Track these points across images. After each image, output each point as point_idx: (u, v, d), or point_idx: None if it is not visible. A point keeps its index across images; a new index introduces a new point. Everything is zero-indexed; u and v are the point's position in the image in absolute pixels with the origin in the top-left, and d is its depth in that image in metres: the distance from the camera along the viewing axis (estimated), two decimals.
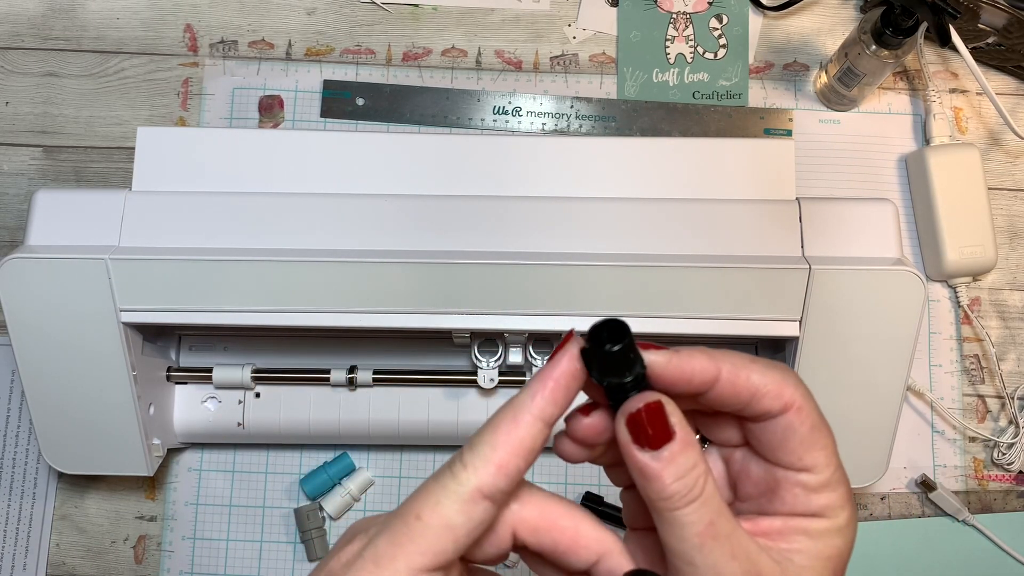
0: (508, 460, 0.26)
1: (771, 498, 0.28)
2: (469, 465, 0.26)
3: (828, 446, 0.27)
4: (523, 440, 0.26)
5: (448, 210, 0.53)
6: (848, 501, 0.28)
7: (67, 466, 0.56)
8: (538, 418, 0.26)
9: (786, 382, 0.27)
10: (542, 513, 0.28)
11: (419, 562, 0.25)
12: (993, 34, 0.65)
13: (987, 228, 0.63)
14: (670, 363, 0.26)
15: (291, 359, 0.61)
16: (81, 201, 0.54)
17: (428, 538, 0.25)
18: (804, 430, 0.27)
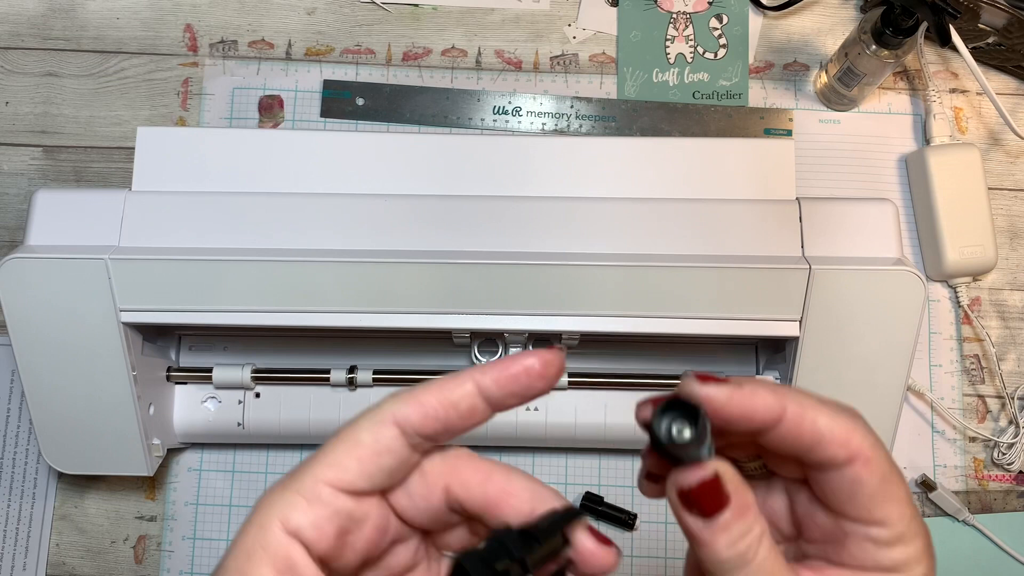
0: (429, 401, 0.25)
1: (838, 548, 0.26)
2: (393, 397, 0.26)
3: (901, 498, 0.25)
4: (452, 395, 0.26)
5: (448, 210, 0.53)
6: (925, 554, 0.26)
7: (67, 466, 0.56)
8: (477, 387, 0.26)
9: (855, 429, 0.25)
10: (475, 468, 0.27)
11: (324, 474, 0.25)
12: (993, 34, 0.65)
13: (987, 228, 0.63)
14: (731, 400, 0.25)
15: (291, 359, 0.61)
16: (81, 201, 0.54)
17: (336, 452, 0.25)
18: (873, 482, 0.25)
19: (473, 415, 0.26)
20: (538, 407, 0.60)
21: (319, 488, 0.25)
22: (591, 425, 0.59)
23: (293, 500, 0.25)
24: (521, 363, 0.26)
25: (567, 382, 0.58)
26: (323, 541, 0.25)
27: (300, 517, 0.24)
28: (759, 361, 0.61)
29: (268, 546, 0.24)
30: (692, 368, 0.60)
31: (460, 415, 0.26)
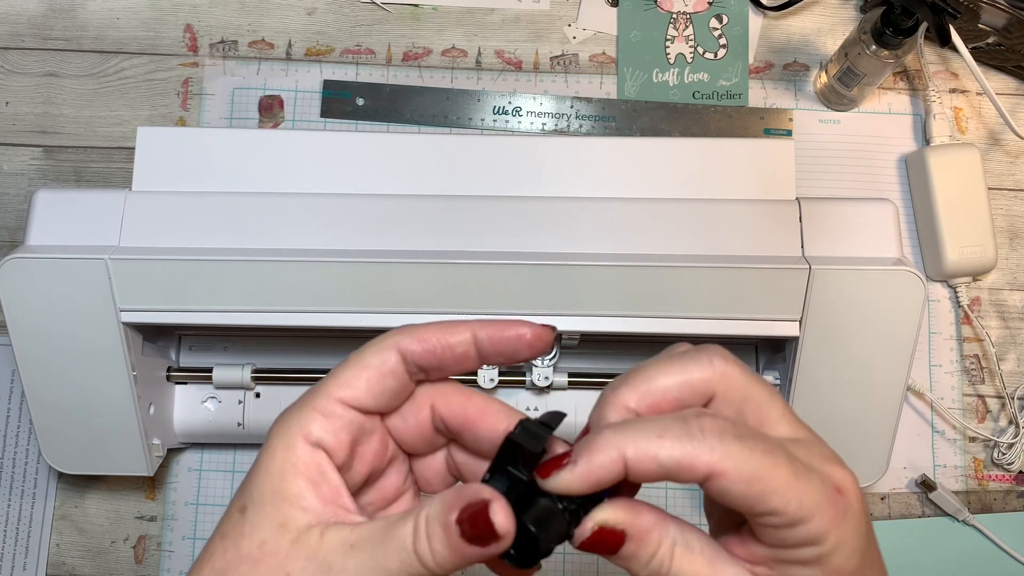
0: (430, 338, 0.28)
1: (757, 532, 0.27)
2: (397, 329, 0.29)
3: (779, 484, 0.25)
4: (451, 337, 0.28)
5: (448, 210, 0.53)
6: (834, 520, 0.25)
7: (67, 466, 0.56)
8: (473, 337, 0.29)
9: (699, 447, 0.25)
10: (457, 390, 0.30)
11: (336, 392, 0.28)
12: (993, 34, 0.65)
13: (987, 228, 0.63)
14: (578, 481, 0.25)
15: (291, 359, 0.61)
16: (81, 201, 0.54)
17: (346, 373, 0.28)
18: (738, 490, 0.25)
19: (465, 360, 0.29)
20: (538, 407, 0.60)
21: (332, 404, 0.27)
22: None
23: (311, 416, 0.27)
24: (515, 329, 0.28)
25: (567, 382, 0.58)
26: (340, 450, 0.27)
27: (319, 429, 0.27)
28: (759, 361, 0.61)
29: (298, 461, 0.27)
30: None
31: (454, 357, 0.29)
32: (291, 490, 0.26)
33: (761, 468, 0.25)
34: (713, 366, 0.27)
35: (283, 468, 0.26)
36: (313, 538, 0.26)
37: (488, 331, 0.28)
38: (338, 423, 0.27)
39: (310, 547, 0.26)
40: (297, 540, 0.26)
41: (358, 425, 0.28)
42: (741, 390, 0.27)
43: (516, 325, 0.28)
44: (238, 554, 0.26)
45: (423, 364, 0.28)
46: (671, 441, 0.25)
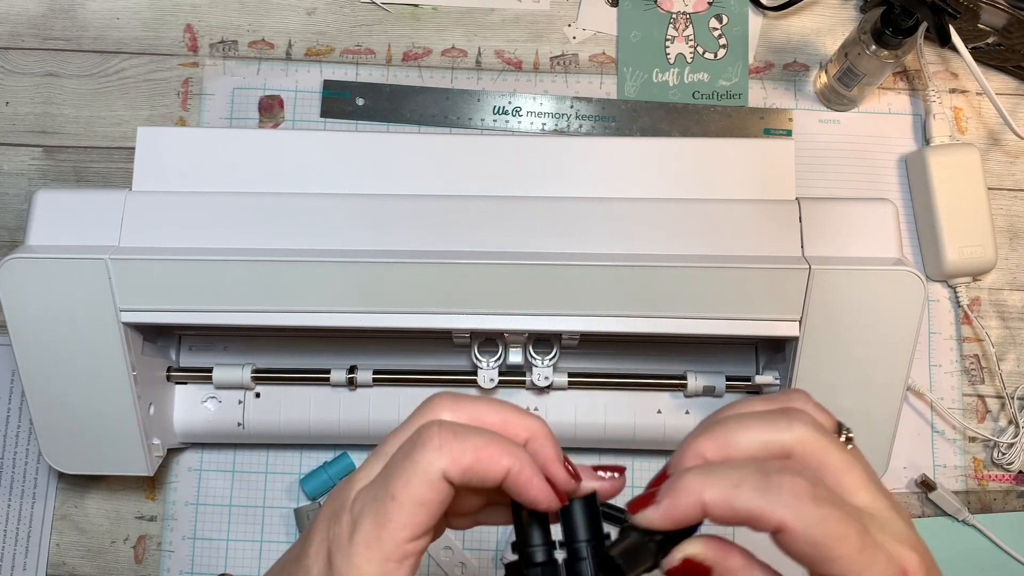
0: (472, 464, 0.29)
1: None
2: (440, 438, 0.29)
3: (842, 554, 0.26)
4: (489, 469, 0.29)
5: (448, 210, 0.53)
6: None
7: (67, 466, 0.56)
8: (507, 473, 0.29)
9: (776, 502, 0.26)
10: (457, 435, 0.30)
11: (400, 534, 0.28)
12: (993, 34, 0.65)
13: (987, 228, 0.63)
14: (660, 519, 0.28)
15: (291, 359, 0.61)
16: (81, 201, 0.54)
17: (402, 513, 0.28)
18: (804, 549, 0.26)
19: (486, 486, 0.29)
20: (538, 407, 0.60)
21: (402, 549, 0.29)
22: (591, 425, 0.59)
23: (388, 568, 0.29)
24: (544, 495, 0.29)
25: (567, 382, 0.58)
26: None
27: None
28: (759, 361, 0.61)
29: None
30: (692, 369, 0.60)
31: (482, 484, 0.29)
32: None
33: (830, 535, 0.26)
34: (792, 431, 0.28)
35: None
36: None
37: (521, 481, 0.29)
38: (410, 563, 0.29)
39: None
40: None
41: (424, 548, 0.30)
42: (818, 457, 0.28)
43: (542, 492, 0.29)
44: None
45: (457, 484, 0.29)
46: (748, 492, 0.26)
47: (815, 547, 0.26)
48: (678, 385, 0.59)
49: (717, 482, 0.27)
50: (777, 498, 0.26)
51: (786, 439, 0.28)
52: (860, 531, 0.26)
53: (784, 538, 0.26)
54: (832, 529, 0.26)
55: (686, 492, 0.27)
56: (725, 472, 0.27)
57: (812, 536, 0.26)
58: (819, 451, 0.28)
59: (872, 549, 0.26)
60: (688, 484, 0.27)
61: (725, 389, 0.59)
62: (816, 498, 0.26)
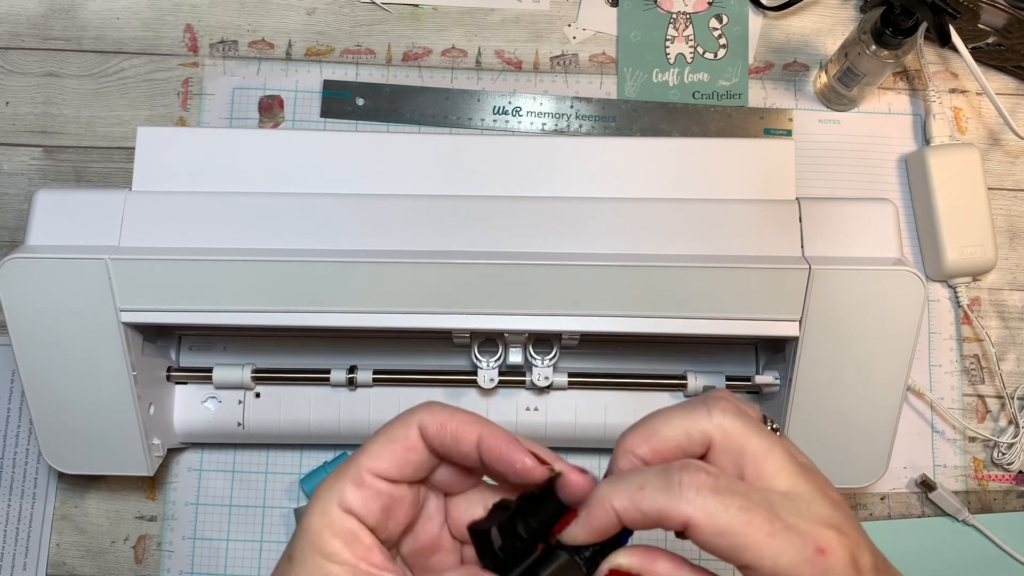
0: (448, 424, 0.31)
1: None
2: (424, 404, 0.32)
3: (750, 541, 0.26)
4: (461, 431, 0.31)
5: (448, 210, 0.53)
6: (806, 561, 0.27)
7: (67, 466, 0.56)
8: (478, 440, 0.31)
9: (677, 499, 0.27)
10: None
11: (366, 463, 0.31)
12: (993, 34, 0.65)
13: (987, 228, 0.63)
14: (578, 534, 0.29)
15: (291, 359, 0.61)
16: (81, 201, 0.54)
17: (375, 445, 0.31)
18: (712, 542, 0.27)
19: (467, 459, 0.31)
20: (538, 407, 0.60)
21: (363, 475, 0.31)
22: (591, 425, 0.59)
23: (344, 485, 0.31)
24: (519, 456, 0.30)
25: (567, 382, 0.58)
26: (371, 516, 0.31)
27: (351, 498, 0.30)
28: (759, 361, 0.61)
29: (332, 524, 0.30)
30: (692, 368, 0.60)
31: (459, 453, 0.31)
32: (327, 548, 0.30)
33: (734, 523, 0.26)
34: (711, 419, 0.29)
35: (320, 530, 0.30)
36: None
37: (492, 444, 0.31)
38: (368, 492, 0.31)
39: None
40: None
41: (387, 494, 0.31)
42: (737, 442, 0.29)
43: (521, 453, 0.30)
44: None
45: (434, 446, 0.31)
46: (651, 492, 0.27)
47: (722, 537, 0.26)
48: (678, 385, 0.59)
49: (623, 488, 0.28)
50: (678, 495, 0.27)
51: (706, 427, 0.29)
52: (768, 516, 0.27)
53: (693, 533, 0.27)
54: (736, 517, 0.26)
55: (598, 503, 0.28)
56: (630, 477, 0.28)
57: (717, 527, 0.26)
58: (738, 437, 0.29)
59: (783, 532, 0.26)
60: (599, 495, 0.28)
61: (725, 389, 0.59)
62: (716, 489, 0.27)
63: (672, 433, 0.29)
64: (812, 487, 0.29)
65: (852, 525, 0.28)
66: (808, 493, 0.28)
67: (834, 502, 0.29)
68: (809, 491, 0.28)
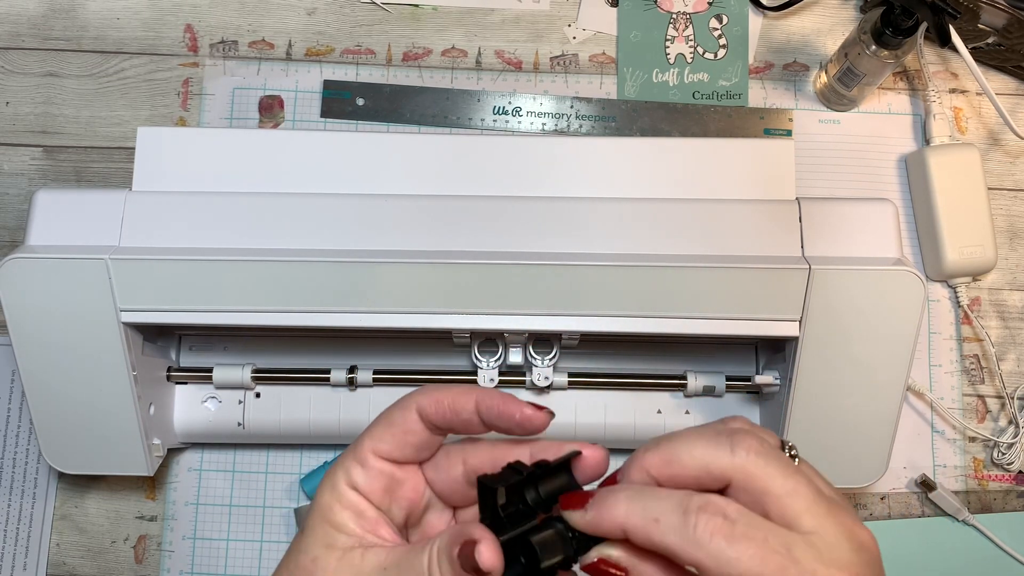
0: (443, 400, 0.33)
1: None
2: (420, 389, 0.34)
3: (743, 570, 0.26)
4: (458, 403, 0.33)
5: (448, 210, 0.53)
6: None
7: (67, 466, 0.56)
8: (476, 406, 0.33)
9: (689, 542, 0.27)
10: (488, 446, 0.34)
11: (369, 445, 0.34)
12: (993, 34, 0.65)
13: (987, 228, 0.63)
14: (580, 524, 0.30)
15: (291, 359, 0.61)
16: (81, 201, 0.54)
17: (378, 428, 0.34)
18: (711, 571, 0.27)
19: (470, 425, 0.33)
20: None
21: (367, 455, 0.33)
22: (591, 425, 0.59)
23: (351, 464, 0.33)
24: (517, 407, 0.32)
25: (567, 382, 0.58)
26: (375, 494, 0.33)
27: (357, 476, 0.33)
28: (759, 361, 0.61)
29: (341, 498, 0.33)
30: (692, 369, 0.60)
31: (461, 421, 0.33)
32: (336, 519, 0.33)
33: (745, 572, 0.26)
34: (734, 457, 0.28)
35: (330, 503, 0.33)
36: (356, 558, 0.32)
37: (489, 404, 0.33)
38: (372, 471, 0.33)
39: (353, 565, 0.32)
40: (342, 558, 0.32)
41: (389, 474, 0.34)
42: (760, 483, 0.28)
43: (515, 405, 0.32)
44: (297, 566, 0.32)
45: (436, 423, 0.33)
46: (665, 529, 0.27)
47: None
48: (678, 385, 0.59)
49: (639, 512, 0.28)
50: (691, 539, 0.27)
51: (726, 464, 0.28)
52: (780, 564, 0.26)
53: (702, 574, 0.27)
54: (747, 565, 0.26)
55: (610, 513, 0.29)
56: (649, 503, 0.28)
57: (727, 574, 0.26)
58: (761, 478, 0.28)
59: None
60: (614, 505, 0.29)
61: (725, 389, 0.59)
62: (732, 537, 0.27)
63: (692, 463, 0.29)
64: (838, 528, 0.28)
65: (872, 568, 0.28)
66: (833, 535, 0.28)
67: (859, 544, 0.28)
68: (835, 533, 0.28)
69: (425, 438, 0.34)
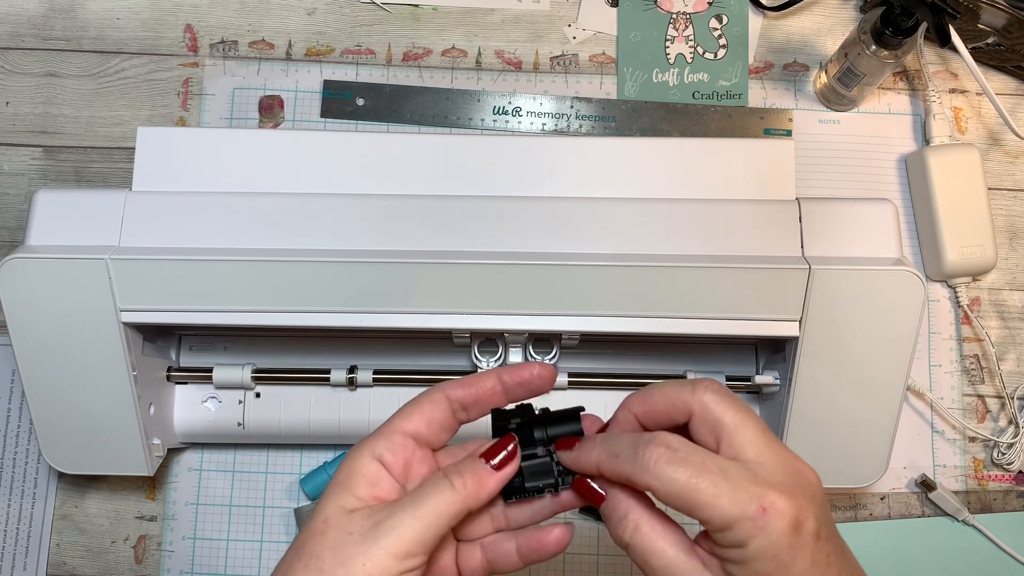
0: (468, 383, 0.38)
1: None
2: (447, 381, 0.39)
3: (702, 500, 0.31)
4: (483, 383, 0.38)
5: (448, 210, 0.53)
6: (752, 531, 0.31)
7: (67, 466, 0.56)
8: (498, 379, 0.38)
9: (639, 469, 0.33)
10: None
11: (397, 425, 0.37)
12: (993, 34, 0.65)
13: (987, 228, 0.63)
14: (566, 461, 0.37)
15: (291, 359, 0.61)
16: (81, 201, 0.54)
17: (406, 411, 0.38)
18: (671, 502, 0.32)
19: (494, 395, 0.38)
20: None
21: (392, 432, 0.37)
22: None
23: (377, 439, 0.37)
24: (528, 369, 0.38)
25: (567, 382, 0.58)
26: (396, 465, 0.36)
27: (381, 448, 0.36)
28: (759, 361, 0.61)
29: (361, 467, 0.36)
30: (692, 368, 0.60)
31: (487, 394, 0.38)
32: (351, 484, 0.36)
33: (685, 488, 0.32)
34: (695, 394, 0.34)
35: (350, 470, 0.36)
36: (367, 513, 0.35)
37: (508, 374, 0.38)
38: (396, 445, 0.37)
39: (366, 516, 0.34)
40: (353, 512, 0.35)
41: (411, 450, 0.37)
42: (713, 415, 0.34)
43: (529, 367, 0.38)
44: (308, 529, 0.35)
45: (466, 403, 0.38)
46: (622, 461, 0.34)
47: (677, 499, 0.32)
48: None
49: (606, 451, 0.35)
50: (641, 466, 0.33)
51: (688, 399, 0.34)
52: (716, 480, 0.31)
53: (655, 495, 0.33)
54: (687, 483, 0.31)
55: (587, 453, 0.36)
56: (612, 444, 0.35)
57: (671, 491, 0.32)
58: (714, 411, 0.34)
59: (730, 491, 0.31)
60: (591, 449, 0.36)
61: None
62: (672, 460, 0.32)
63: (662, 400, 0.35)
64: (777, 459, 0.33)
65: (805, 493, 0.32)
66: (770, 462, 0.33)
67: (794, 471, 0.33)
68: (772, 460, 0.33)
69: (449, 420, 0.38)
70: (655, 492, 0.33)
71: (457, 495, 0.35)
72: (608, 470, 0.35)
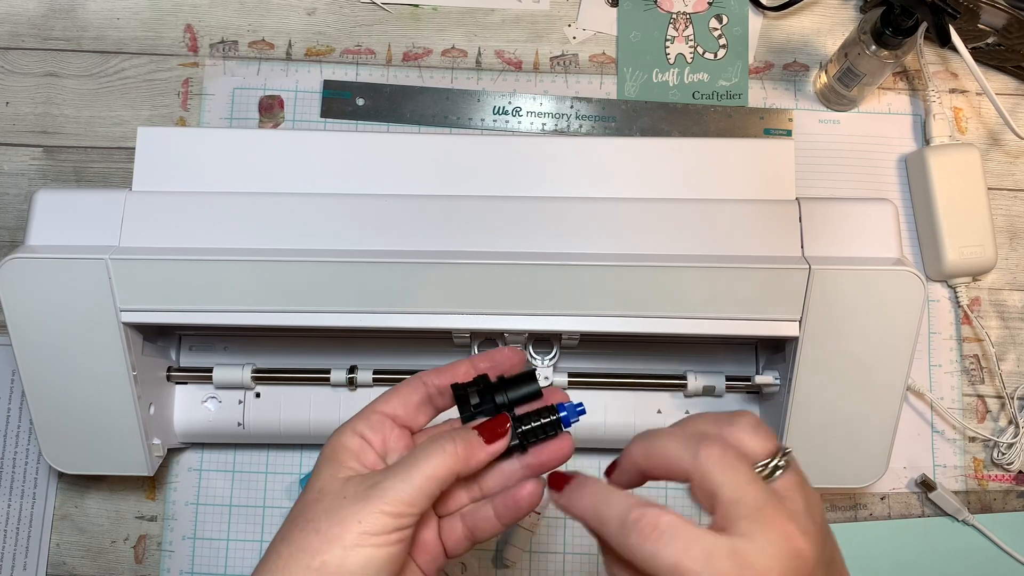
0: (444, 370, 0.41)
1: None
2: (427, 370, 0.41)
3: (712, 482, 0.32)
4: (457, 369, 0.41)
5: (448, 210, 0.53)
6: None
7: (67, 466, 0.56)
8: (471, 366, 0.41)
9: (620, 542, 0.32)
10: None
11: (377, 406, 0.40)
12: (993, 34, 0.65)
13: (987, 228, 0.63)
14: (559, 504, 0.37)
15: (291, 359, 0.61)
16: (81, 201, 0.54)
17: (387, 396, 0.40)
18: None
19: (468, 377, 0.40)
20: None
21: (373, 413, 0.40)
22: (591, 425, 0.59)
23: (358, 419, 0.39)
24: (500, 353, 0.41)
25: (567, 382, 0.58)
26: (375, 441, 0.39)
27: (361, 426, 0.39)
28: (759, 361, 0.61)
29: (345, 441, 0.38)
30: (692, 369, 0.60)
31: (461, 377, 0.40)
32: (338, 456, 0.38)
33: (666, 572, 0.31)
34: (695, 460, 0.33)
35: (335, 446, 0.38)
36: (359, 479, 0.37)
37: (479, 360, 0.41)
38: (374, 423, 0.39)
39: (358, 483, 0.36)
40: (347, 479, 0.37)
41: (389, 428, 0.39)
42: (711, 487, 0.32)
43: (497, 352, 0.41)
44: (304, 500, 0.37)
45: (442, 388, 0.40)
46: (608, 532, 0.33)
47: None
48: (678, 385, 0.59)
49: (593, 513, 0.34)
50: (624, 545, 0.32)
51: (687, 466, 0.33)
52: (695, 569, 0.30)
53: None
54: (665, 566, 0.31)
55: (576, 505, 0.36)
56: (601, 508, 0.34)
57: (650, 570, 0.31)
58: (712, 483, 0.32)
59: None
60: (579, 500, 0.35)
61: (725, 389, 0.59)
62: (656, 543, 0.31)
63: (663, 460, 0.34)
64: (769, 536, 0.31)
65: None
66: (763, 542, 0.31)
67: (786, 552, 0.31)
68: (765, 540, 0.31)
69: (425, 403, 0.40)
70: (635, 565, 0.32)
71: (449, 458, 0.37)
72: (594, 528, 0.34)
